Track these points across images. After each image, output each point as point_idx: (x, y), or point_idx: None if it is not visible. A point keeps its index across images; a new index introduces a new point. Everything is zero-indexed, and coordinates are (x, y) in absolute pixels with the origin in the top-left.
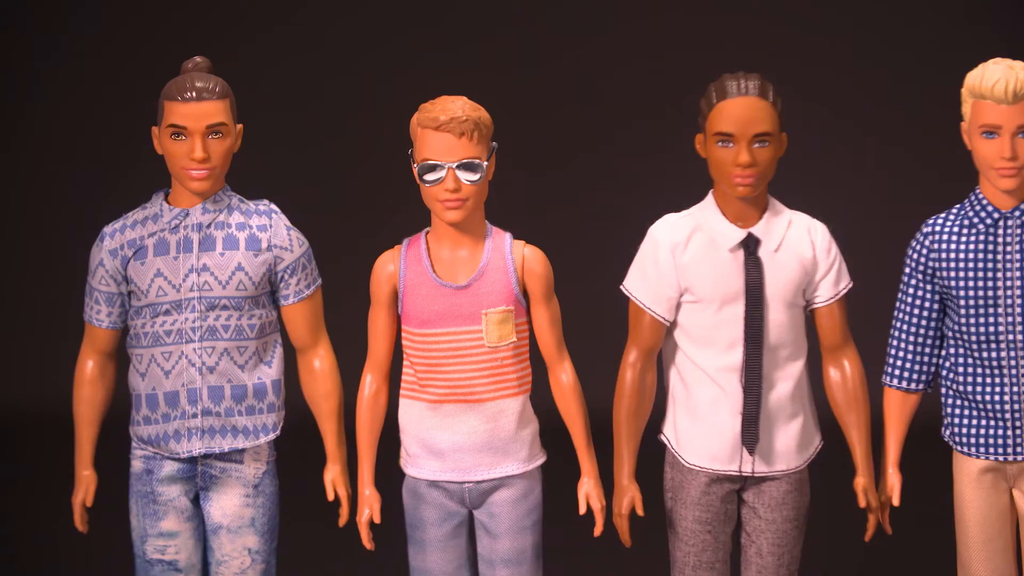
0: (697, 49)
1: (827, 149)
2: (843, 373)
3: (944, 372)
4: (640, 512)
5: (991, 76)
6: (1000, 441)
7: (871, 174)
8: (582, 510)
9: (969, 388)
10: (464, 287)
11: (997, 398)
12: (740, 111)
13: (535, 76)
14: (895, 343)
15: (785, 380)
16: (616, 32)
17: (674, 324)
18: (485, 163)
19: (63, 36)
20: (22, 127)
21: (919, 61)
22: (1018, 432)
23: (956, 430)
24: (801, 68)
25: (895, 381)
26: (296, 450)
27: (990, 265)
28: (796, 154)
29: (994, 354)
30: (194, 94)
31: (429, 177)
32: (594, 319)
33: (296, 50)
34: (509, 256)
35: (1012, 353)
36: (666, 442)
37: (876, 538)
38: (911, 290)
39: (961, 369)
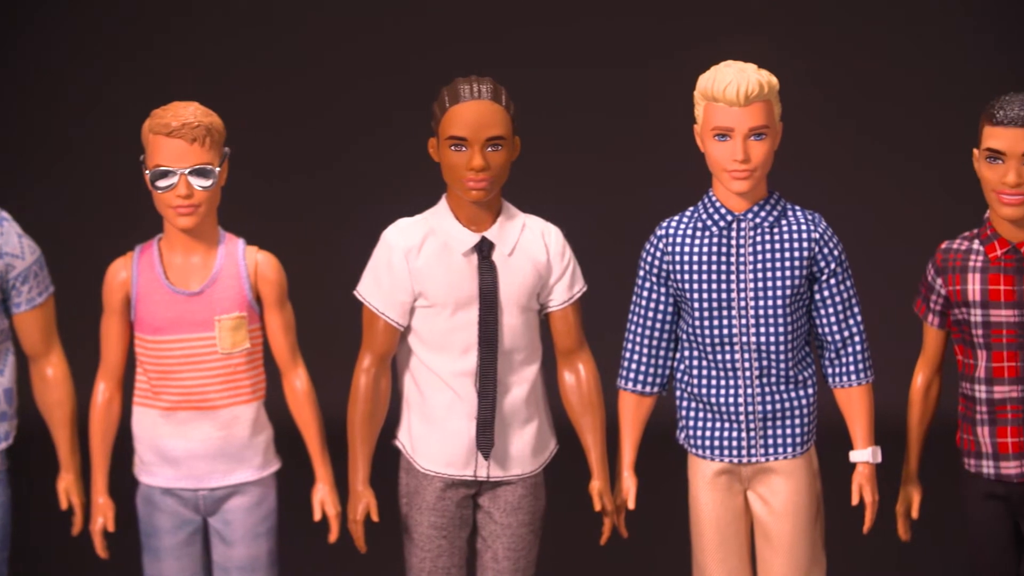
0: (442, 57)
1: (561, 151)
2: (578, 377)
3: (679, 375)
4: (375, 518)
5: (723, 79)
6: (734, 443)
7: (603, 176)
8: (316, 516)
9: (703, 391)
10: (197, 293)
11: (731, 400)
12: (473, 115)
13: (276, 83)
14: (629, 346)
15: (520, 384)
16: (359, 41)
17: (408, 329)
18: (218, 169)
19: None
20: None
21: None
22: (752, 434)
23: (691, 432)
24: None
25: (630, 384)
26: (29, 459)
27: (723, 268)
28: (533, 157)
29: (728, 356)
30: None
31: (161, 183)
32: (328, 325)
33: (29, 53)
34: (242, 262)
35: (746, 355)
36: (401, 448)
37: (612, 541)
38: (645, 293)
39: (695, 372)
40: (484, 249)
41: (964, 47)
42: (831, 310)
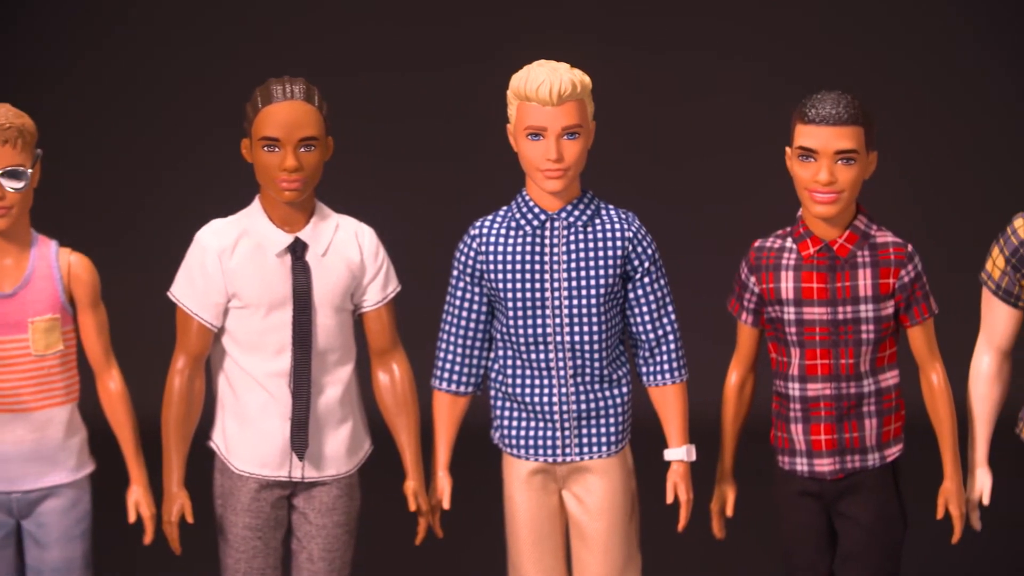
0: (261, 59)
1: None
2: (392, 377)
3: (493, 375)
4: (189, 519)
5: (535, 78)
6: (549, 443)
7: (417, 178)
8: (131, 518)
9: (518, 390)
10: (10, 296)
11: (545, 399)
12: (285, 116)
13: (90, 84)
14: (443, 346)
15: (334, 385)
16: (180, 42)
17: (222, 330)
18: (30, 171)
19: None
20: None
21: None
22: (566, 433)
23: (505, 432)
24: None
25: (444, 384)
26: None
27: (537, 267)
28: (347, 159)
29: (542, 355)
30: None
31: None
32: (142, 326)
33: None
34: (55, 264)
35: (560, 355)
36: (215, 449)
37: (427, 541)
38: (459, 292)
39: (510, 371)
40: (297, 250)
41: (791, 43)
42: (645, 309)
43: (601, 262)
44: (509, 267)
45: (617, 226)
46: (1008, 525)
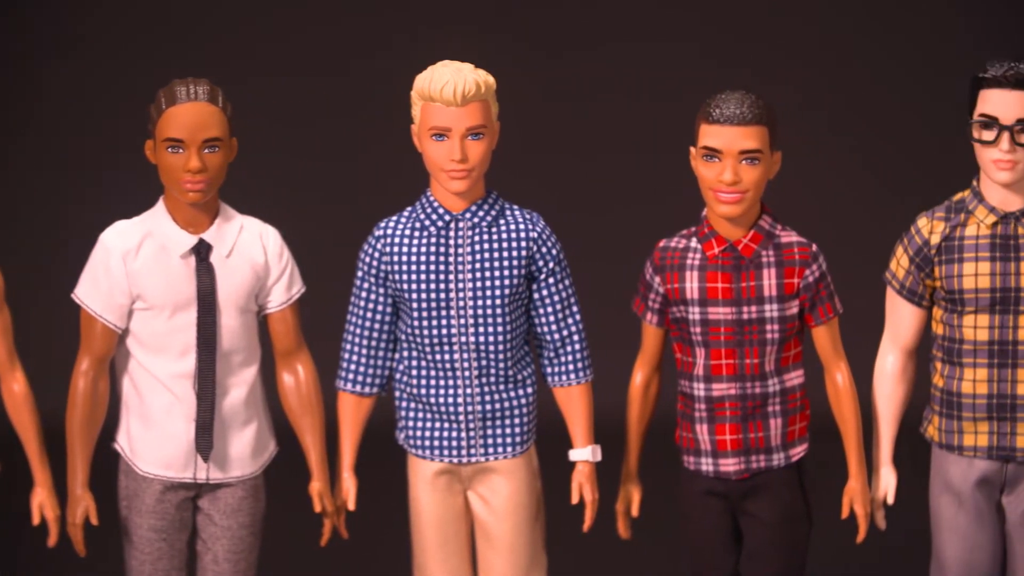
0: (168, 61)
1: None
2: (297, 378)
3: (398, 375)
4: (94, 521)
5: (440, 79)
6: (454, 443)
7: (322, 178)
8: (35, 520)
9: (423, 391)
10: None
11: (451, 400)
12: (189, 117)
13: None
14: (348, 347)
15: (239, 386)
16: (82, 41)
17: (127, 331)
18: None
19: None
20: None
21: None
22: (472, 434)
23: (411, 433)
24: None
25: (349, 385)
26: None
27: (442, 268)
28: (253, 160)
29: (447, 356)
30: None
31: None
32: (46, 327)
33: None
34: None
35: (465, 355)
36: (120, 450)
37: (332, 542)
38: (364, 293)
39: (415, 372)
40: (202, 251)
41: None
42: (550, 309)
43: (506, 262)
44: (413, 268)
45: (522, 226)
46: (912, 524)
